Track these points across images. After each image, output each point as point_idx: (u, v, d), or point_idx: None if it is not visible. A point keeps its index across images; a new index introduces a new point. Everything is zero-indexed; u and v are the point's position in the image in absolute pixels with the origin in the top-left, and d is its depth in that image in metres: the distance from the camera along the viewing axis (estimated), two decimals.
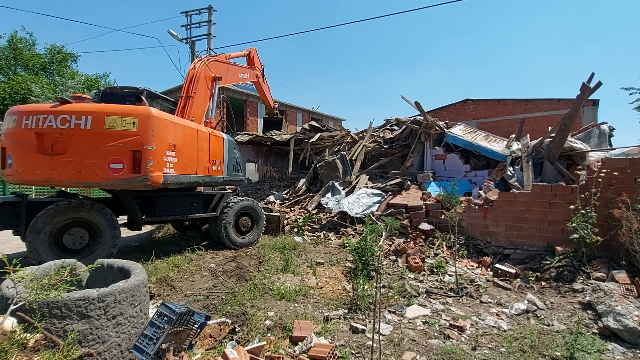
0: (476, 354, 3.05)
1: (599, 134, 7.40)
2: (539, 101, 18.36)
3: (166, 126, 5.08)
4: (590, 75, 6.10)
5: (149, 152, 4.74)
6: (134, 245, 6.97)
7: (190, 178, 5.66)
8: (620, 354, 3.10)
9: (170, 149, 5.13)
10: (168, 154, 5.08)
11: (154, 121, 4.85)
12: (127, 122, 4.73)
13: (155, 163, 4.83)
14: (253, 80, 10.44)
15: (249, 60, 10.35)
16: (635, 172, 5.16)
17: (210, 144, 6.29)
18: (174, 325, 2.60)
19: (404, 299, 4.44)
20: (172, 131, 5.21)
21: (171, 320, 2.46)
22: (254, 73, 10.31)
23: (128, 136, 4.70)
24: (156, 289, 4.25)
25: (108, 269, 2.95)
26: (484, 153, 8.65)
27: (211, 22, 14.32)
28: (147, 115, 4.85)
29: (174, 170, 5.20)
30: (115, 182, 4.72)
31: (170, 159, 5.13)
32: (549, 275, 5.17)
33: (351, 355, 2.98)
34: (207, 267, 5.33)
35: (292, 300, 4.19)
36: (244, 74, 9.78)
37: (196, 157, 5.81)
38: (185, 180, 5.54)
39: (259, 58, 10.75)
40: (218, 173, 6.57)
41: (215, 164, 6.44)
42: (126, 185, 4.80)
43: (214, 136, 6.51)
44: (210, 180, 6.41)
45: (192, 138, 5.75)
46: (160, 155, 4.93)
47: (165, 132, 5.03)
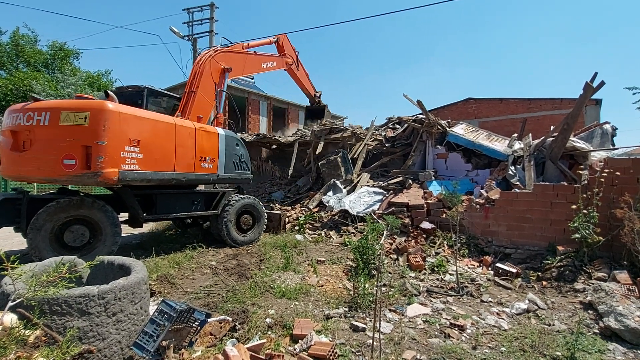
0: (476, 353, 3.05)
1: (602, 134, 7.36)
2: (542, 100, 18.29)
3: (124, 120, 4.93)
4: (594, 75, 6.07)
5: (99, 147, 4.63)
6: (135, 242, 6.98)
7: (164, 175, 5.51)
8: (622, 354, 3.09)
9: (131, 144, 5.00)
10: (128, 149, 4.95)
11: (106, 115, 4.73)
12: (80, 117, 4.68)
13: (108, 159, 4.70)
14: (282, 68, 10.04)
15: (279, 47, 10.04)
16: (638, 172, 5.14)
17: (198, 140, 6.13)
18: (174, 323, 2.60)
19: (405, 298, 4.44)
20: (133, 126, 5.07)
21: (171, 317, 2.46)
22: (282, 61, 9.95)
23: (79, 131, 4.66)
24: (157, 286, 4.25)
25: (108, 266, 2.95)
26: (486, 152, 8.63)
27: (213, 19, 14.30)
28: (99, 109, 4.75)
29: (138, 167, 5.08)
30: (68, 178, 4.71)
31: (131, 154, 5.01)
32: (550, 275, 5.16)
33: (351, 354, 2.97)
34: (208, 264, 5.34)
35: (292, 299, 4.19)
36: (269, 62, 9.42)
37: (173, 153, 5.66)
38: (156, 177, 5.39)
39: (290, 44, 10.37)
40: (210, 170, 6.42)
41: (206, 161, 6.29)
42: (79, 181, 4.80)
43: (204, 132, 6.33)
44: (198, 178, 6.24)
45: (165, 133, 5.57)
46: (115, 151, 4.79)
47: (122, 126, 4.89)
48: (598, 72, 6.04)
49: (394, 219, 6.18)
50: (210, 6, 14.39)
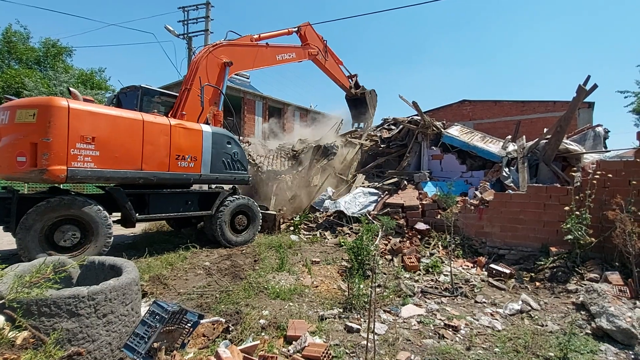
0: (470, 354, 3.05)
1: (594, 136, 7.44)
2: (535, 103, 18.47)
3: (76, 116, 4.83)
4: (587, 78, 6.13)
5: (44, 144, 4.58)
6: (128, 242, 6.90)
7: (127, 174, 5.37)
8: (613, 355, 3.11)
9: (84, 141, 4.90)
10: (80, 146, 4.86)
11: (52, 111, 4.66)
12: (29, 114, 4.67)
13: (53, 156, 4.62)
14: (303, 59, 9.49)
15: (301, 37, 9.60)
16: (630, 174, 5.19)
17: (174, 137, 5.92)
18: (166, 324, 2.56)
19: (399, 299, 4.44)
20: (87, 122, 4.96)
21: (163, 318, 2.43)
22: (304, 52, 9.43)
23: (29, 128, 4.66)
24: (149, 287, 4.20)
25: (99, 266, 2.91)
26: (480, 154, 8.67)
27: (208, 17, 14.23)
28: (45, 105, 4.70)
29: (93, 165, 4.99)
30: (21, 175, 4.74)
31: (84, 152, 4.91)
32: (543, 276, 5.19)
33: (345, 355, 2.96)
34: (202, 265, 5.29)
35: (287, 300, 4.16)
36: (286, 54, 8.95)
37: (139, 151, 5.51)
38: (117, 175, 5.26)
39: (316, 33, 9.80)
40: (191, 170, 6.19)
41: (184, 160, 6.08)
42: (28, 178, 4.84)
43: (182, 128, 6.08)
44: (174, 177, 6.00)
45: (128, 130, 5.40)
46: (62, 148, 4.70)
47: (73, 123, 4.79)
48: (591, 75, 6.10)
49: (389, 220, 6.18)
50: (206, 5, 14.33)
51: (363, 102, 11.68)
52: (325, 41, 10.11)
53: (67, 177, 4.77)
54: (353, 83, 11.44)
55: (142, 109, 6.14)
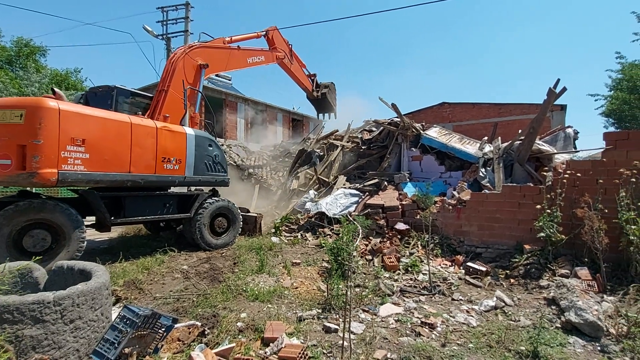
0: (445, 350, 3.10)
1: (565, 137, 7.74)
2: (512, 105, 19.04)
3: (66, 118, 4.72)
4: (556, 81, 6.37)
5: (35, 146, 4.43)
6: (103, 247, 6.70)
7: (116, 176, 5.31)
8: (581, 347, 3.23)
9: (74, 143, 4.80)
10: (70, 148, 4.76)
11: (43, 113, 4.52)
12: (15, 114, 4.48)
13: (44, 158, 4.49)
14: (271, 62, 9.73)
15: (269, 41, 9.77)
16: (597, 173, 5.40)
17: (160, 140, 5.90)
18: (138, 329, 2.50)
19: (378, 298, 4.47)
20: (77, 124, 4.85)
21: (134, 323, 2.37)
22: (272, 55, 9.66)
23: (15, 130, 4.46)
24: (123, 292, 4.09)
25: (68, 271, 2.81)
26: (458, 155, 8.87)
27: (188, 18, 14.04)
28: (35, 106, 4.54)
29: (83, 167, 4.89)
30: (4, 179, 4.51)
31: (74, 154, 4.81)
32: (517, 273, 5.34)
33: (323, 355, 2.96)
34: (180, 268, 5.19)
35: (265, 301, 4.14)
36: (256, 57, 9.14)
37: (128, 153, 5.46)
38: (106, 178, 5.19)
39: (282, 38, 10.06)
40: (176, 172, 6.18)
41: (170, 162, 6.07)
42: (14, 182, 4.56)
43: (167, 131, 6.08)
44: (160, 179, 5.98)
45: (117, 132, 5.35)
46: (53, 150, 4.59)
47: (63, 124, 4.68)
48: (565, 78, 6.35)
49: (364, 220, 6.24)
50: (186, 5, 14.14)
51: (325, 99, 12.22)
52: (290, 45, 10.41)
53: (57, 181, 4.62)
54: (314, 84, 11.80)
55: (116, 109, 6.00)
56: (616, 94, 18.35)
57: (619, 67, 18.08)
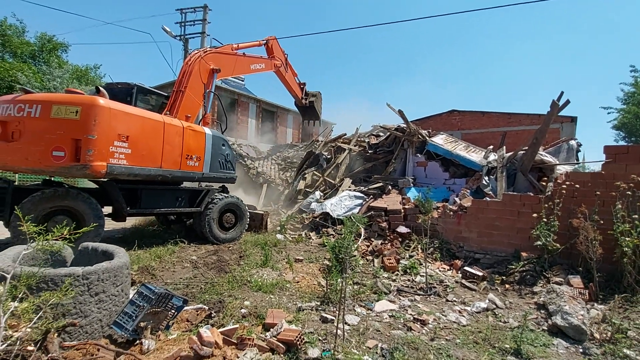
0: (433, 344, 3.31)
1: (568, 149, 7.85)
2: (522, 115, 19.04)
3: (114, 116, 5.14)
4: (560, 94, 6.52)
5: (89, 141, 4.83)
6: (118, 236, 7.05)
7: (151, 171, 5.73)
8: (564, 349, 3.41)
9: (121, 139, 5.22)
10: (117, 144, 5.17)
11: (97, 110, 4.93)
12: (71, 110, 4.86)
13: (97, 152, 4.89)
14: (270, 70, 10.22)
15: (268, 49, 10.24)
16: (596, 185, 5.53)
17: (185, 138, 6.35)
18: (153, 306, 2.78)
19: (375, 295, 4.69)
20: (123, 122, 5.28)
21: (150, 299, 2.65)
22: (271, 63, 10.15)
23: (70, 124, 4.84)
24: (137, 276, 4.40)
25: (92, 251, 3.12)
26: (463, 162, 9.03)
27: (206, 20, 14.48)
28: (90, 104, 4.95)
29: (126, 162, 5.29)
30: (57, 169, 4.87)
31: (120, 149, 5.22)
32: (513, 279, 5.50)
33: (318, 341, 3.20)
34: (189, 259, 5.49)
35: (268, 292, 4.39)
36: (257, 64, 9.63)
37: (160, 150, 5.88)
38: (143, 172, 5.60)
39: (280, 47, 10.58)
40: (196, 168, 6.64)
41: (192, 159, 6.51)
42: (67, 173, 4.96)
43: (191, 130, 6.55)
44: (184, 175, 6.44)
45: (153, 130, 5.79)
46: (104, 145, 5.00)
47: (112, 122, 5.10)
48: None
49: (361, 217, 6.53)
50: (204, 8, 14.58)
51: (312, 107, 12.65)
52: (286, 55, 10.87)
53: (106, 173, 5.05)
54: (303, 93, 12.25)
55: (136, 105, 6.37)
56: (628, 108, 18.22)
57: (632, 81, 17.97)
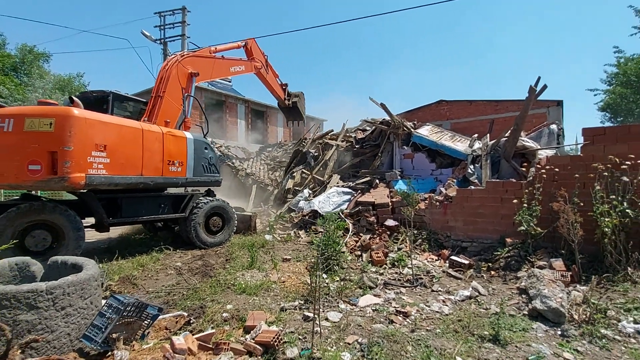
0: (413, 335, 3.32)
1: (549, 133, 7.90)
2: (508, 102, 19.02)
3: (91, 126, 5.09)
4: (537, 79, 6.55)
5: (65, 152, 4.77)
6: (103, 247, 6.99)
7: (132, 179, 5.69)
8: (543, 332, 3.43)
9: (98, 149, 5.17)
10: (94, 154, 5.12)
11: (72, 121, 4.87)
12: (45, 123, 4.80)
13: (74, 164, 4.84)
14: (250, 72, 10.21)
15: (247, 51, 10.19)
16: (575, 168, 5.56)
17: (166, 144, 6.31)
18: (124, 316, 2.75)
19: (361, 290, 4.70)
20: (99, 131, 5.23)
21: (119, 310, 2.62)
22: (251, 65, 10.12)
23: (45, 137, 4.78)
24: (118, 287, 4.36)
25: (62, 265, 3.08)
26: (448, 152, 9.06)
27: (185, 23, 14.34)
28: (64, 115, 4.89)
29: (105, 171, 5.25)
30: (34, 184, 4.81)
31: (98, 159, 5.17)
32: (498, 265, 5.53)
33: (298, 340, 3.20)
34: (173, 265, 5.46)
35: (252, 294, 4.38)
36: (237, 66, 9.59)
37: (140, 157, 5.83)
38: (124, 181, 5.56)
39: (259, 49, 10.54)
40: (179, 174, 6.59)
41: (174, 165, 6.47)
42: (45, 187, 4.89)
43: (171, 136, 6.50)
44: (166, 181, 6.39)
45: (131, 138, 5.74)
46: (82, 156, 4.95)
47: (88, 132, 5.04)
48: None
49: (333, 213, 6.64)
50: (182, 10, 14.44)
51: (296, 107, 12.64)
52: (266, 56, 10.81)
53: (85, 184, 4.99)
54: (286, 93, 12.22)
55: (112, 113, 6.30)
56: (613, 89, 18.36)
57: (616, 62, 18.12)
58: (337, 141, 11.35)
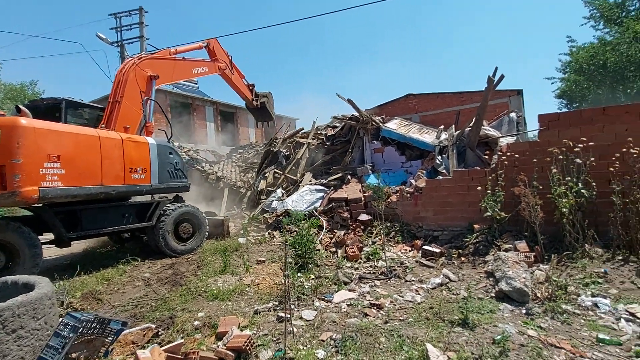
0: (387, 326, 3.35)
1: (509, 121, 8.24)
2: (473, 93, 19.69)
3: (41, 136, 4.83)
4: (495, 69, 6.80)
5: (14, 165, 4.51)
6: (65, 263, 6.62)
7: (91, 189, 5.45)
8: (509, 312, 3.57)
9: (51, 160, 4.91)
10: (47, 165, 4.86)
11: (20, 131, 4.61)
12: None
13: (25, 177, 4.57)
14: (214, 72, 9.91)
15: (210, 52, 9.91)
16: (533, 153, 5.81)
17: (126, 151, 6.07)
18: (84, 334, 2.61)
19: (336, 286, 4.70)
20: (51, 141, 4.97)
21: (76, 328, 2.48)
22: (214, 66, 9.84)
23: None
24: (80, 304, 4.14)
25: (12, 285, 2.87)
26: (416, 144, 9.24)
27: (143, 24, 13.79)
28: (11, 126, 4.62)
29: (60, 183, 5.00)
30: None
31: (52, 170, 4.92)
32: (468, 251, 5.71)
33: (272, 342, 3.15)
34: (141, 277, 5.24)
35: (225, 300, 4.28)
36: (200, 67, 9.30)
37: (99, 166, 5.60)
38: (82, 192, 5.32)
39: (222, 49, 10.26)
40: (143, 181, 6.36)
41: (137, 172, 6.24)
42: None
43: (132, 142, 6.26)
44: (129, 189, 6.16)
45: (88, 146, 5.50)
46: (33, 168, 4.69)
47: (39, 142, 4.79)
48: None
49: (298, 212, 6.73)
50: (139, 10, 13.87)
51: (264, 108, 12.53)
52: (230, 56, 10.59)
53: (39, 198, 4.70)
54: (253, 94, 12.08)
55: (66, 122, 5.98)
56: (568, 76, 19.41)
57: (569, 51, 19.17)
58: (308, 139, 11.32)
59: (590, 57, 17.19)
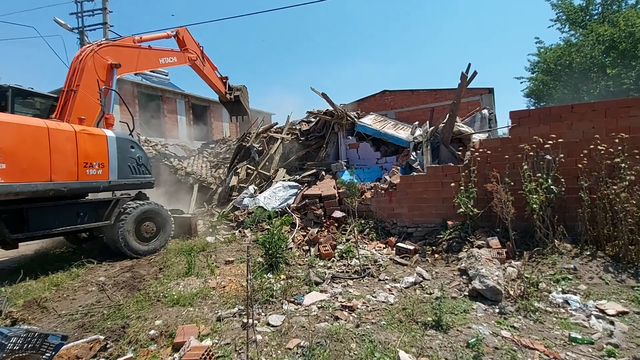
0: (358, 330, 3.18)
1: (481, 118, 8.30)
2: (446, 90, 20.00)
3: None
4: (468, 66, 6.78)
5: None
6: (13, 266, 6.03)
7: (38, 186, 4.99)
8: (482, 311, 3.48)
9: None
10: None
11: None
12: None
13: None
14: (184, 63, 9.36)
15: (179, 41, 9.34)
16: (505, 150, 5.82)
17: (80, 144, 5.60)
18: (14, 351, 2.26)
19: (307, 287, 4.49)
20: None
21: (3, 345, 2.13)
22: (184, 56, 9.28)
23: None
24: (21, 313, 3.71)
25: None
26: (391, 140, 9.16)
27: (106, 10, 12.94)
28: None
29: (1, 179, 4.56)
30: None
31: None
32: (441, 248, 5.65)
33: (234, 352, 2.90)
34: (96, 281, 4.82)
35: (187, 305, 3.97)
36: (168, 57, 8.76)
37: (47, 161, 5.14)
38: (27, 189, 4.86)
39: (193, 39, 9.69)
40: (99, 177, 5.90)
41: (93, 167, 5.76)
42: None
43: (87, 134, 5.78)
44: (84, 186, 5.70)
45: (34, 138, 5.03)
46: None
47: None
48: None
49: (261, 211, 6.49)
50: None
51: (239, 101, 12.14)
52: (201, 47, 10.14)
53: None
54: (226, 87, 11.68)
55: (13, 112, 5.41)
56: (536, 76, 20.05)
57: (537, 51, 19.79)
58: (282, 134, 11.02)
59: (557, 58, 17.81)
